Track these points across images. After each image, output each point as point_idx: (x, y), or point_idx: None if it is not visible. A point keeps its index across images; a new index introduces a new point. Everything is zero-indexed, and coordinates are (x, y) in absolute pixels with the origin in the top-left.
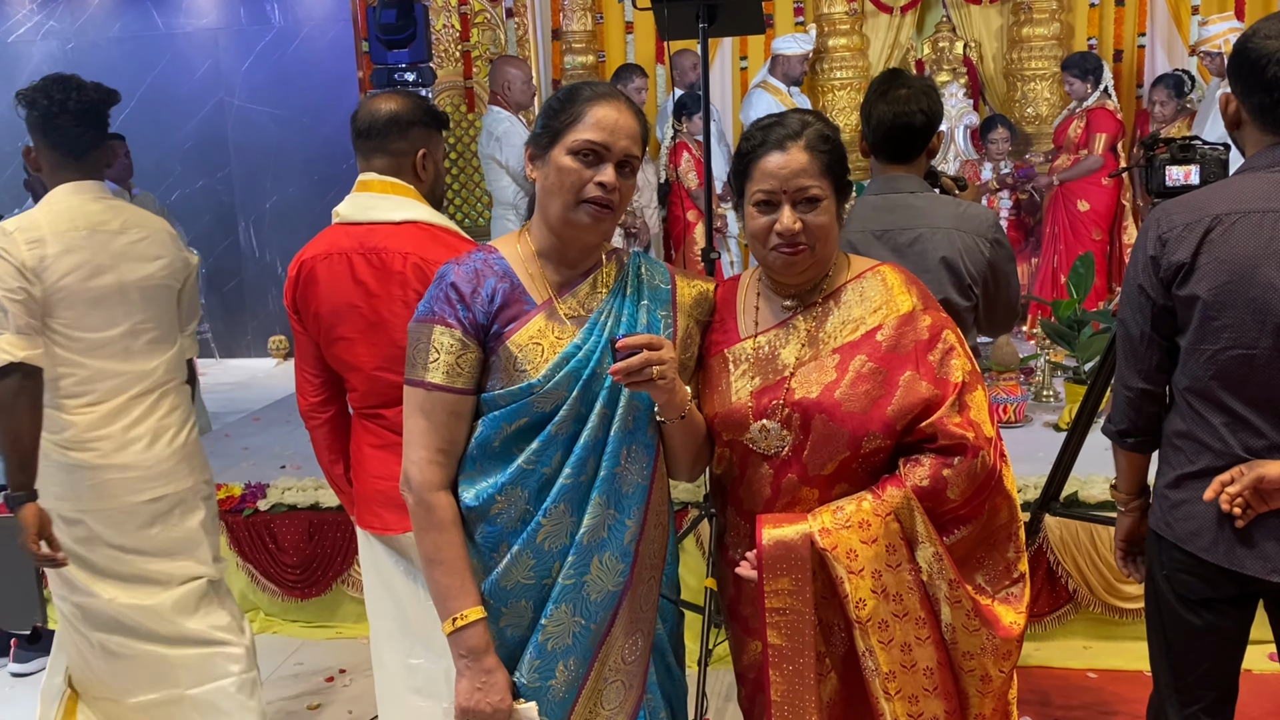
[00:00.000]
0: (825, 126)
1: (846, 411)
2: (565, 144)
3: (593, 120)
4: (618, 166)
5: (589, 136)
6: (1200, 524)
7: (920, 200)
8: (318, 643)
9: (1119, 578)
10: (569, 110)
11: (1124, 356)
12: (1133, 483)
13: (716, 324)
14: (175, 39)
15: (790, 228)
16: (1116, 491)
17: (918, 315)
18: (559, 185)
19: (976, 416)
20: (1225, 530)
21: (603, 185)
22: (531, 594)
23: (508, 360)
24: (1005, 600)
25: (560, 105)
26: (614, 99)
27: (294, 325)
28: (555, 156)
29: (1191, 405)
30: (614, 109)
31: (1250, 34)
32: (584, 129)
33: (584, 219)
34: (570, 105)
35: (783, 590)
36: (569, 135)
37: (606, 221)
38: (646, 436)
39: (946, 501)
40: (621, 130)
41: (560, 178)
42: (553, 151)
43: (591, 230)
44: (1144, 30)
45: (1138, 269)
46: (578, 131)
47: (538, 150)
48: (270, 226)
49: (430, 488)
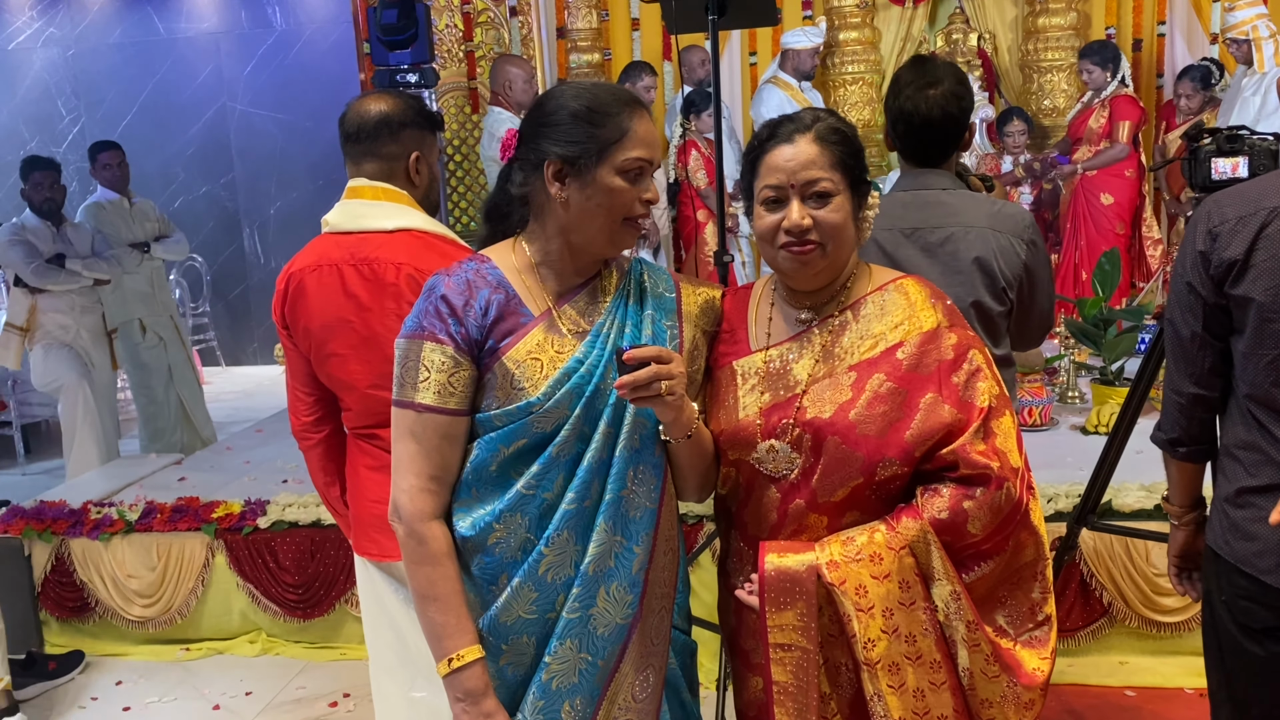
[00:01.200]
0: (839, 121)
1: (861, 434)
2: (615, 163)
3: (639, 136)
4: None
5: (639, 154)
6: (1264, 545)
7: (952, 198)
8: (321, 665)
9: (1157, 590)
10: (611, 124)
11: (1173, 359)
12: (1186, 494)
13: (726, 334)
14: (177, 44)
15: (798, 223)
16: (1169, 504)
17: (942, 333)
18: (609, 206)
19: (1003, 445)
20: None
21: (650, 202)
22: (534, 629)
23: (504, 377)
24: (1029, 644)
25: (596, 118)
26: (644, 107)
27: (284, 341)
28: (603, 177)
29: (1252, 413)
30: (649, 120)
31: None
32: (634, 146)
33: (628, 238)
34: (609, 119)
35: (787, 625)
36: (618, 154)
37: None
38: (654, 456)
39: (967, 536)
40: (657, 142)
41: (611, 199)
42: (599, 171)
43: (628, 245)
44: (1163, 19)
45: (1186, 265)
46: (628, 149)
47: (576, 169)
48: (275, 232)
49: (422, 518)
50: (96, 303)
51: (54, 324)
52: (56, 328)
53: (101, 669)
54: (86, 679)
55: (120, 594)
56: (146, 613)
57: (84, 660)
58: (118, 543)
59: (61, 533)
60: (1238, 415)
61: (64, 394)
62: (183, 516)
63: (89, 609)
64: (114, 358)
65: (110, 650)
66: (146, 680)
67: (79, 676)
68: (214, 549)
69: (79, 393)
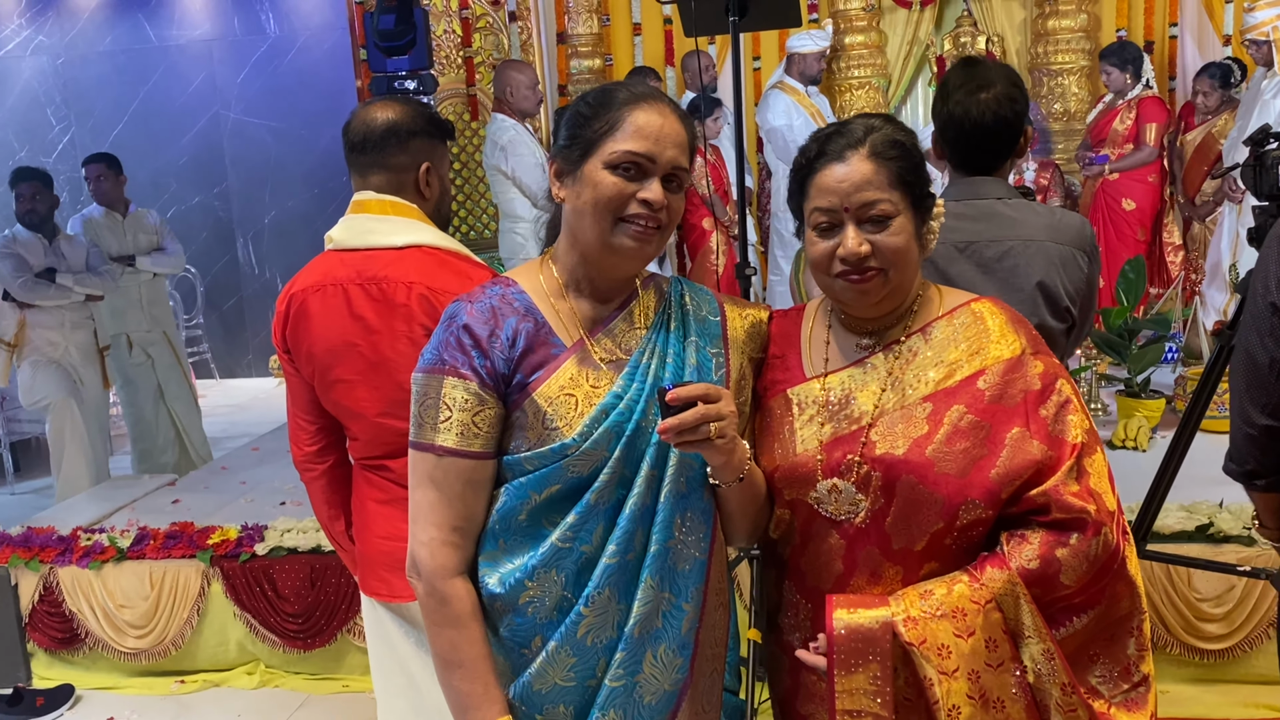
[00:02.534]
0: (896, 130)
1: (940, 473)
2: (602, 156)
3: (634, 127)
4: (664, 180)
5: (630, 147)
6: None
7: (1009, 208)
8: (323, 698)
9: (1200, 615)
10: (603, 116)
11: (1247, 387)
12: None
13: (775, 360)
14: (168, 51)
15: (855, 251)
16: (1263, 529)
17: (1027, 361)
18: (595, 204)
19: (1097, 486)
20: None
21: (648, 203)
22: (572, 698)
23: (535, 416)
24: (1124, 706)
25: (592, 111)
26: (657, 101)
27: (285, 366)
28: (589, 172)
29: None
30: (658, 113)
31: None
32: (624, 138)
33: (627, 242)
34: (605, 110)
35: (858, 689)
36: (606, 146)
37: (653, 244)
38: (703, 501)
39: (1059, 588)
40: (668, 138)
41: (597, 195)
42: (585, 166)
43: (635, 255)
44: (1175, 20)
45: (1271, 285)
46: (617, 141)
47: (566, 165)
48: (269, 242)
49: (444, 574)
50: (88, 319)
51: (42, 340)
52: (45, 344)
53: (92, 704)
54: (76, 715)
55: (111, 624)
56: (139, 644)
57: (74, 695)
58: (109, 571)
59: (50, 561)
60: None
61: (51, 412)
62: (177, 543)
63: (79, 640)
64: (105, 375)
65: (101, 683)
66: (139, 716)
67: (68, 713)
68: (210, 577)
69: (66, 411)
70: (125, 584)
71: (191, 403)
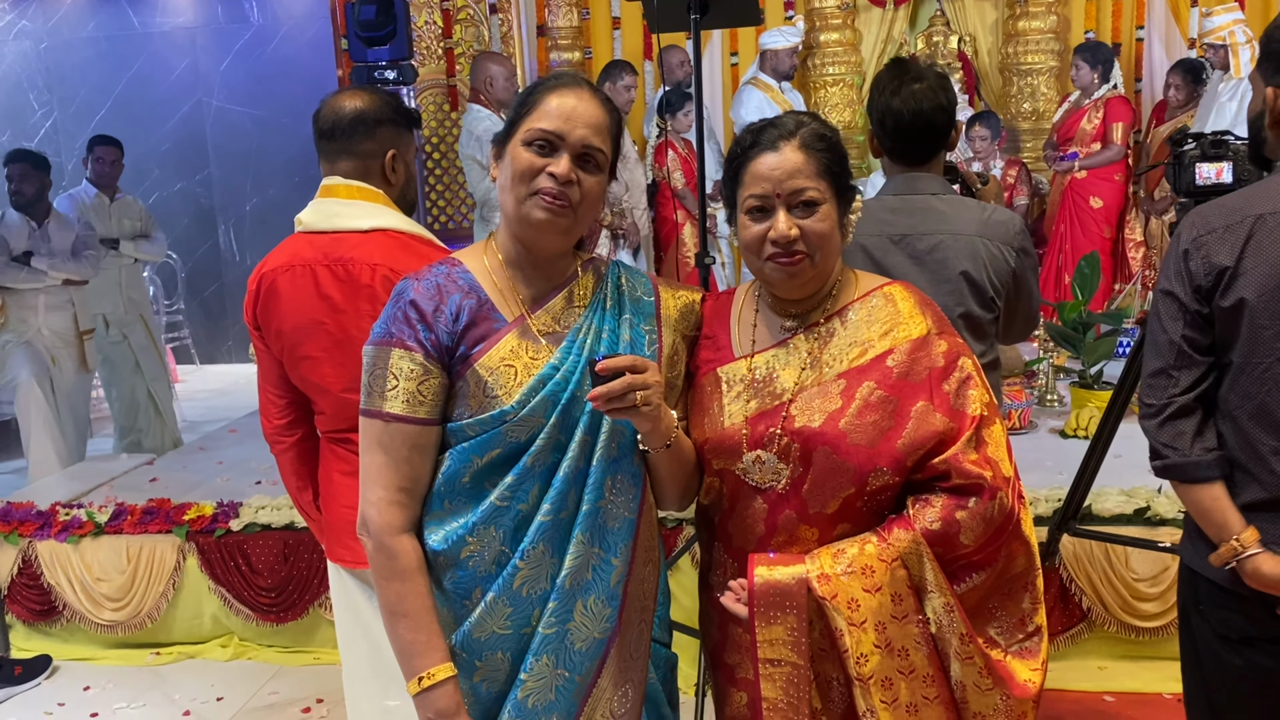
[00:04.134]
0: (823, 126)
1: (852, 444)
2: (520, 134)
3: (548, 108)
4: (578, 159)
5: (543, 125)
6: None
7: (943, 203)
8: (294, 669)
9: (1136, 595)
10: (527, 101)
11: (1152, 374)
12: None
13: (707, 340)
14: (152, 38)
15: (786, 234)
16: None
17: (932, 340)
18: (513, 175)
19: (994, 454)
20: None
21: (554, 175)
22: (509, 645)
23: (477, 385)
24: (1020, 655)
25: (522, 98)
26: (576, 87)
27: (255, 343)
28: (511, 149)
29: (1240, 428)
30: (574, 96)
31: None
32: (538, 117)
33: (537, 213)
34: (530, 95)
35: (777, 640)
36: (524, 124)
37: (564, 219)
38: (633, 465)
39: (959, 547)
40: (580, 118)
41: (514, 169)
42: (509, 145)
43: (548, 228)
44: (1142, 23)
45: (1170, 276)
46: (532, 120)
47: (499, 147)
48: (251, 229)
49: (392, 531)
50: (67, 302)
51: (16, 320)
52: (18, 323)
53: (69, 674)
54: (53, 684)
55: (89, 597)
56: (116, 616)
57: (51, 665)
58: (87, 545)
59: (29, 534)
60: (1225, 433)
61: (18, 392)
62: (153, 519)
63: (56, 612)
64: (84, 358)
65: (78, 654)
66: (115, 685)
67: (45, 682)
68: (185, 552)
69: (32, 391)
70: (103, 558)
71: (167, 385)
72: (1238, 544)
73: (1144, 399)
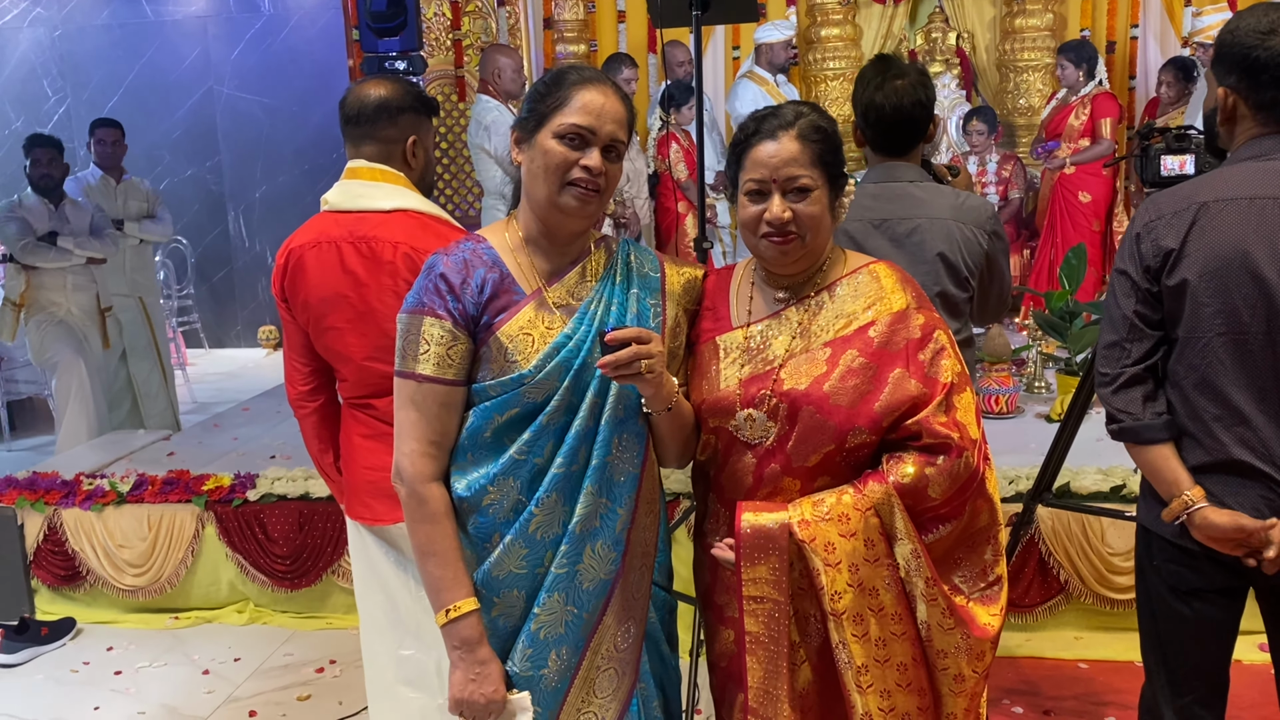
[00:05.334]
0: (820, 118)
1: (834, 405)
2: (551, 128)
3: (579, 104)
4: (604, 151)
5: (575, 120)
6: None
7: (919, 190)
8: (308, 633)
9: (1111, 568)
10: (555, 94)
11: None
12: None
13: (708, 311)
14: (164, 26)
15: (780, 216)
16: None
17: (911, 314)
18: (545, 169)
19: (963, 418)
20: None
21: (588, 169)
22: (524, 583)
23: (498, 351)
24: (981, 601)
25: (547, 90)
26: (601, 83)
27: (282, 314)
28: (541, 140)
29: (1186, 397)
30: (600, 93)
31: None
32: (570, 113)
33: (571, 202)
34: (557, 89)
35: (760, 578)
36: (555, 119)
37: (593, 204)
38: (637, 425)
39: (927, 500)
40: (608, 115)
41: (546, 161)
42: (539, 135)
43: (578, 214)
44: (1136, 21)
45: (1125, 257)
46: (564, 115)
47: (524, 134)
48: (260, 216)
49: (423, 480)
50: (90, 281)
51: (46, 300)
52: (49, 304)
53: (92, 635)
54: (78, 645)
55: (111, 563)
56: (137, 582)
57: (75, 627)
58: (109, 513)
59: (54, 503)
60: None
61: (60, 370)
62: (174, 489)
63: (80, 578)
64: (105, 335)
65: (100, 618)
66: (137, 647)
67: (70, 643)
68: (204, 520)
69: (74, 369)
70: (125, 526)
71: (156, 369)
72: (1188, 498)
73: (1099, 369)
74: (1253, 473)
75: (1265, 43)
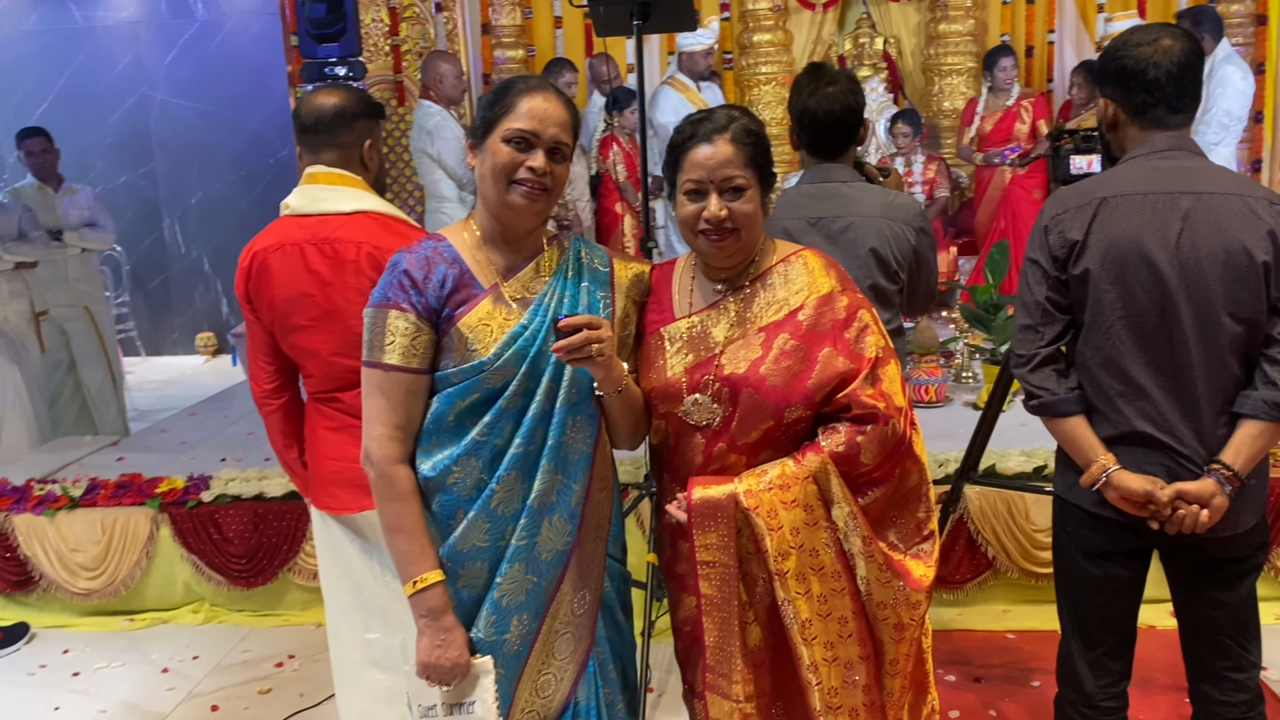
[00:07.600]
0: (750, 121)
1: (771, 385)
2: (499, 132)
3: (524, 110)
4: (549, 153)
5: (520, 125)
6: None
7: (852, 190)
8: (265, 630)
9: (1035, 544)
10: (503, 102)
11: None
12: (1093, 444)
13: (654, 304)
14: (95, 32)
15: (717, 215)
16: (1100, 463)
17: (836, 296)
18: (494, 170)
19: (888, 388)
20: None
21: (533, 169)
22: (487, 555)
23: (459, 341)
24: (916, 555)
25: (495, 98)
26: (545, 90)
27: (246, 315)
28: (490, 144)
29: (1093, 375)
30: (544, 99)
31: (1121, 44)
32: (516, 118)
33: (519, 200)
34: (504, 97)
35: (711, 545)
36: (503, 124)
37: (540, 203)
38: (589, 408)
39: (860, 465)
40: (551, 119)
41: (495, 162)
42: (488, 140)
43: (526, 211)
44: (1053, 27)
45: (1034, 247)
46: (510, 120)
47: (476, 140)
48: (196, 222)
49: (390, 461)
50: (25, 287)
51: None
52: None
53: (47, 640)
54: (33, 649)
55: (65, 567)
56: (92, 585)
57: (30, 632)
58: (62, 517)
59: (5, 509)
60: (1080, 379)
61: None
62: (127, 492)
63: (33, 583)
64: (41, 340)
65: (55, 622)
66: (94, 649)
67: (25, 647)
68: (158, 522)
69: (10, 377)
70: (78, 530)
71: (108, 378)
72: (1104, 461)
73: (1016, 351)
74: (1154, 443)
75: (1132, 52)
